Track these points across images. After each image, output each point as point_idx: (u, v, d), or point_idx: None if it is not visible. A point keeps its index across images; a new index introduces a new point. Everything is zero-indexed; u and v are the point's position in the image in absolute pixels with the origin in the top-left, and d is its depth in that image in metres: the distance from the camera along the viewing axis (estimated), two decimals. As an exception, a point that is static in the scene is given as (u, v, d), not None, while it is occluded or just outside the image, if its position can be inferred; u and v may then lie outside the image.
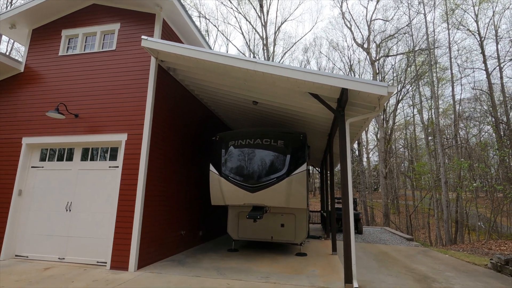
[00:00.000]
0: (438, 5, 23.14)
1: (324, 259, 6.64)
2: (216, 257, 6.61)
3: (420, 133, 32.21)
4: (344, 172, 4.92)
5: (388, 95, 4.57)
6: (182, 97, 7.47)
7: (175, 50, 5.70)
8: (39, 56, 7.12)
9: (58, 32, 7.16)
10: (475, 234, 20.35)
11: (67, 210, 6.11)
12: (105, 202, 5.92)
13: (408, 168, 34.39)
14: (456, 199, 18.28)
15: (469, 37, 26.46)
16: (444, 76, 26.10)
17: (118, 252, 5.45)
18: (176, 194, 7.00)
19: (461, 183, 17.28)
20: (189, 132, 7.83)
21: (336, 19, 47.55)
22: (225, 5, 28.77)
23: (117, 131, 6.07)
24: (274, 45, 27.44)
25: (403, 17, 37.06)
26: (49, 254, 5.99)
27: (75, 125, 6.36)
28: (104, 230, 5.80)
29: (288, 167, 6.10)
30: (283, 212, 7.27)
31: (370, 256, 7.67)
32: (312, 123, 7.87)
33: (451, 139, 24.72)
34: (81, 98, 6.50)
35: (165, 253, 6.41)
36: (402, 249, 8.96)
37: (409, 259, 7.35)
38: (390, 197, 26.18)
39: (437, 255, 8.17)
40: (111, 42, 6.83)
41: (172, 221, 6.77)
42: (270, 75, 5.28)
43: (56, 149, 6.60)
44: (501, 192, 16.36)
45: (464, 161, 15.87)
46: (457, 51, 24.42)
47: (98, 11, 7.06)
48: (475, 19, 22.77)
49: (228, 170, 6.38)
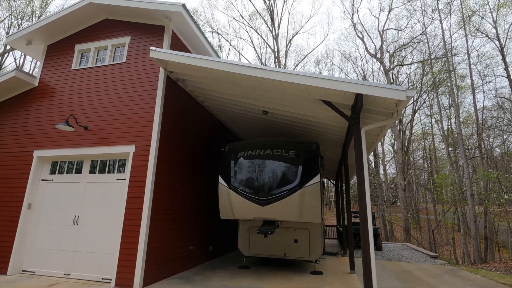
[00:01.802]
0: (454, 11, 22.63)
1: (342, 279, 6.15)
2: (226, 275, 6.26)
3: (439, 144, 30.99)
4: (361, 184, 4.55)
5: (407, 100, 4.24)
6: (190, 108, 7.37)
7: (183, 60, 5.63)
8: (53, 71, 7.26)
9: (71, 47, 7.31)
10: (506, 252, 18.87)
11: (75, 224, 5.99)
12: (112, 216, 5.77)
13: (428, 180, 32.93)
14: (484, 213, 17.09)
15: (488, 43, 25.61)
16: (463, 84, 25.20)
17: (123, 268, 5.23)
18: (184, 207, 6.78)
19: (488, 196, 16.17)
20: (197, 143, 7.68)
21: (347, 30, 47.55)
22: (237, 20, 29.39)
23: (125, 143, 5.99)
24: (285, 57, 27.53)
25: (417, 25, 36.61)
26: (55, 269, 5.83)
27: (84, 138, 6.33)
28: (110, 245, 5.61)
29: (300, 179, 5.77)
30: (296, 227, 6.88)
31: (391, 275, 7.08)
32: (325, 132, 7.55)
33: (474, 149, 23.53)
34: (91, 110, 6.51)
35: (172, 270, 6.13)
36: (427, 268, 8.27)
37: (436, 280, 6.72)
38: (410, 211, 24.94)
39: (467, 275, 7.46)
40: (122, 55, 6.88)
41: (180, 236, 6.52)
42: (279, 82, 5.07)
43: (66, 161, 6.58)
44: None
45: (492, 171, 14.88)
46: (476, 58, 23.58)
47: (109, 26, 7.18)
48: (493, 25, 22.05)
49: (238, 182, 6.12)
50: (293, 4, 42.50)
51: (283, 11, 41.40)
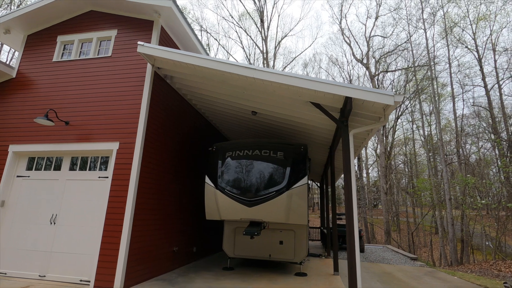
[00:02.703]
0: (437, 21, 23.49)
1: (326, 280, 6.19)
2: (210, 277, 6.16)
3: (419, 149, 32.05)
4: (348, 186, 4.59)
5: (395, 105, 4.31)
6: (178, 106, 7.22)
7: (172, 56, 5.50)
8: (33, 62, 6.91)
9: (53, 38, 6.99)
10: (479, 254, 19.71)
11: (52, 223, 5.72)
12: (92, 215, 5.54)
13: (408, 184, 33.98)
14: (462, 217, 17.78)
15: (468, 54, 26.75)
16: (443, 92, 26.18)
17: (103, 270, 5.02)
18: (168, 207, 6.62)
19: (465, 200, 16.84)
20: (184, 142, 7.54)
21: (335, 35, 48.36)
22: (226, 19, 29.25)
23: (109, 140, 5.78)
24: (274, 59, 27.63)
25: (402, 33, 37.76)
26: (30, 271, 5.53)
27: (65, 133, 6.06)
28: (89, 245, 5.39)
29: (288, 180, 5.76)
30: (281, 228, 6.87)
31: (373, 276, 7.21)
32: (313, 135, 7.60)
33: (452, 155, 24.47)
34: (73, 105, 6.24)
35: (155, 271, 5.96)
36: (407, 270, 8.48)
37: (416, 281, 6.89)
38: (391, 214, 25.61)
39: (445, 276, 7.70)
40: (107, 49, 6.65)
41: (164, 237, 6.36)
42: (270, 83, 5.05)
43: (44, 158, 6.27)
44: (504, 211, 15.93)
45: (470, 177, 15.51)
46: (457, 67, 24.59)
47: (95, 18, 6.93)
48: (473, 36, 23.06)
49: (225, 182, 6.03)
50: (283, 6, 42.89)
51: (272, 13, 41.55)
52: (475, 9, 22.94)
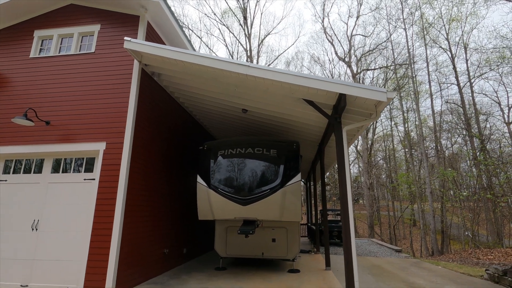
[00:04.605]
0: (416, 22, 24.34)
1: (319, 276, 6.26)
2: (203, 277, 6.05)
3: (397, 145, 33.21)
4: (343, 182, 4.64)
5: (387, 101, 4.40)
6: (167, 105, 7.02)
7: (161, 53, 5.32)
8: (8, 58, 6.47)
9: (30, 32, 6.57)
10: (455, 244, 20.75)
11: (34, 229, 5.38)
12: (78, 219, 5.27)
13: (387, 179, 35.14)
14: (441, 210, 18.64)
15: (442, 54, 27.93)
16: (421, 90, 27.20)
17: (92, 276, 4.80)
18: (159, 208, 6.43)
19: (446, 192, 17.64)
20: (174, 142, 7.35)
21: (317, 33, 48.91)
22: (208, 17, 28.88)
23: (94, 140, 5.51)
24: (257, 57, 27.59)
25: (382, 32, 38.84)
26: (10, 281, 5.18)
27: (46, 133, 5.72)
28: (76, 251, 5.12)
29: (282, 178, 5.75)
30: (274, 226, 6.86)
31: (364, 270, 7.37)
32: (303, 132, 7.64)
33: (430, 150, 25.51)
34: (54, 103, 5.90)
35: (147, 274, 5.78)
36: (394, 262, 8.76)
37: (404, 272, 7.12)
38: (374, 208, 26.39)
39: (430, 266, 8.02)
40: (90, 45, 6.34)
41: (155, 239, 6.17)
42: (263, 80, 5.00)
43: (23, 160, 5.89)
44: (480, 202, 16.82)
45: (451, 170, 16.26)
46: (434, 66, 25.61)
47: (76, 12, 6.58)
48: (446, 37, 24.10)
49: (218, 181, 5.94)
50: (265, 4, 42.97)
51: (255, 11, 41.64)
52: (448, 11, 23.99)
